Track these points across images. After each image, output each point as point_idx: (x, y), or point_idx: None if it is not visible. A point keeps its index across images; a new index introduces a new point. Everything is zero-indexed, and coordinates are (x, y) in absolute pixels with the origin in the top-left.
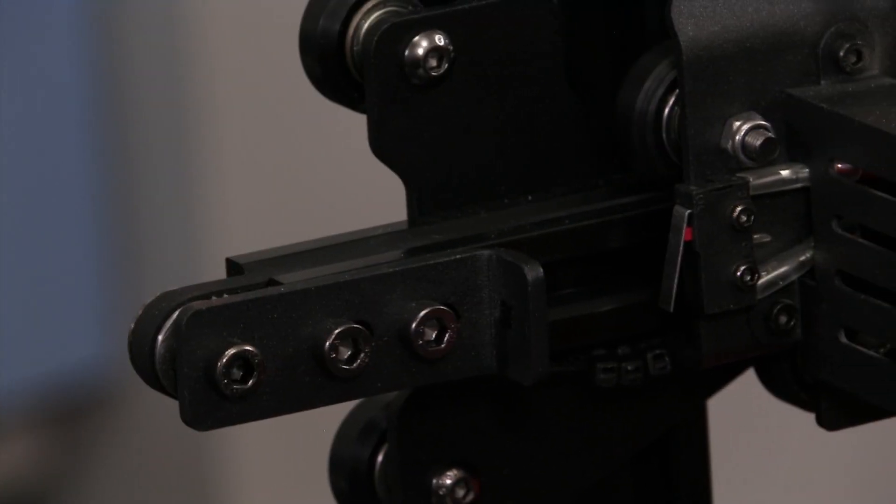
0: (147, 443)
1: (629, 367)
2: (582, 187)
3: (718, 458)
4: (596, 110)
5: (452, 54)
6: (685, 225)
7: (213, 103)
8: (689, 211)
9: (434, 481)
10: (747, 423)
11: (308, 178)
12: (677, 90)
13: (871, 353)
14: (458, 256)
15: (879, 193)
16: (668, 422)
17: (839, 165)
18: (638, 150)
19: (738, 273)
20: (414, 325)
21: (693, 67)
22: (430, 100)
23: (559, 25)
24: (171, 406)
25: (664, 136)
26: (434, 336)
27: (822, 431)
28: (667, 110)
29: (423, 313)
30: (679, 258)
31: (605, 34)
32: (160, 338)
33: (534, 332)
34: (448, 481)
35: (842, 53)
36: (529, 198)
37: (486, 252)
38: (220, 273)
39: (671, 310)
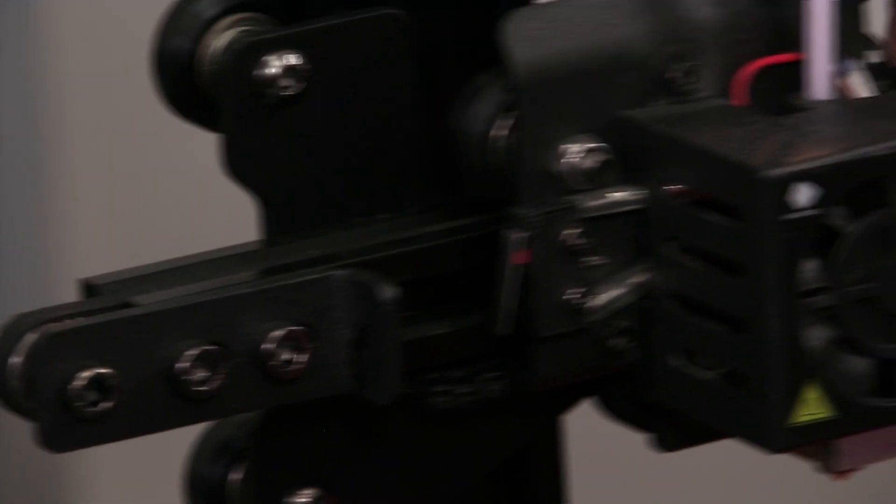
0: (1, 465)
1: (463, 390)
2: (434, 206)
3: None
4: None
5: (306, 73)
6: (519, 248)
7: (65, 122)
8: (522, 234)
9: (289, 501)
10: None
11: (162, 198)
12: (508, 113)
13: (706, 375)
14: (312, 277)
15: (710, 215)
16: (520, 441)
17: (673, 187)
18: (469, 172)
19: (572, 296)
20: (269, 346)
21: (528, 90)
22: (283, 119)
23: (412, 45)
24: (27, 428)
25: (495, 158)
26: (289, 357)
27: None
28: (497, 132)
29: (277, 334)
30: (513, 281)
31: (457, 54)
32: (14, 360)
33: (388, 353)
34: (303, 500)
35: (675, 75)
36: (382, 217)
37: (339, 272)
38: (72, 295)
39: (505, 332)
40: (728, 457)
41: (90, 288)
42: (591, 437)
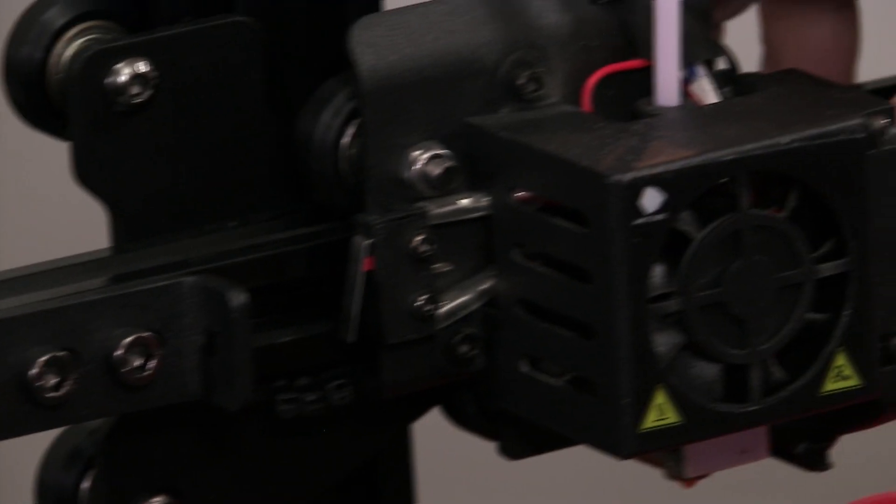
0: None
1: (311, 398)
2: (285, 214)
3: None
4: None
5: (156, 81)
6: (365, 255)
7: None
8: (369, 241)
9: None
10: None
11: (11, 205)
12: (356, 120)
13: (554, 381)
14: (161, 283)
15: (558, 221)
16: (369, 449)
17: (519, 193)
18: (317, 180)
19: (419, 303)
20: (118, 352)
21: (372, 97)
22: (133, 126)
23: (261, 52)
24: None
25: (342, 165)
26: (139, 363)
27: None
28: (344, 140)
29: (127, 340)
30: (360, 288)
31: (306, 61)
32: None
33: (238, 359)
34: None
35: (521, 81)
36: (232, 224)
37: (189, 279)
38: None
39: (352, 340)
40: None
41: None
42: (439, 445)
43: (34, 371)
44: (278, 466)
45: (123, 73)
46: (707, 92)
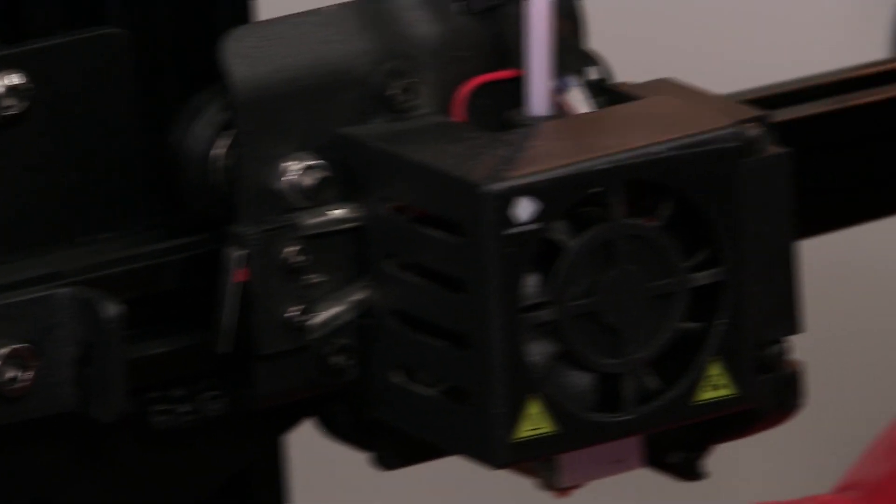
0: None
1: (184, 409)
2: (158, 225)
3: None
4: None
5: (29, 93)
6: (239, 266)
7: None
8: (242, 252)
9: None
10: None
11: None
12: (227, 131)
13: (428, 391)
14: (35, 295)
15: (431, 231)
16: (243, 460)
17: (392, 204)
18: (189, 191)
19: (292, 313)
20: None
21: (246, 108)
22: (6, 139)
23: (133, 64)
24: None
25: (215, 176)
26: (13, 375)
27: None
28: (217, 151)
29: (2, 352)
30: (233, 299)
31: (178, 72)
32: None
33: (112, 370)
34: None
35: (394, 92)
36: (106, 236)
37: (64, 290)
38: None
39: (226, 351)
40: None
41: None
42: (313, 455)
43: None
44: (152, 477)
45: None
46: (579, 102)
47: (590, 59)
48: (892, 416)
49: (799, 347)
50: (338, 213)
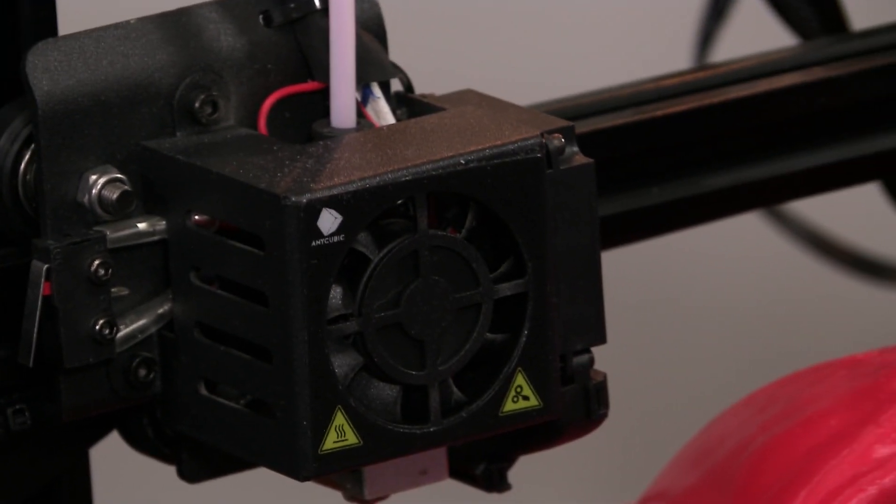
0: None
1: None
2: None
3: None
4: None
5: None
6: (43, 279)
7: None
8: (46, 265)
9: None
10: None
11: None
12: (33, 145)
13: (232, 404)
14: None
15: (235, 243)
16: (49, 474)
17: (196, 217)
18: None
19: (97, 327)
20: None
21: (48, 122)
22: None
23: None
24: None
25: (20, 191)
26: None
27: None
28: (23, 165)
29: None
30: (38, 313)
31: None
32: None
33: None
34: None
35: (197, 105)
36: None
37: None
38: None
39: (31, 364)
40: None
41: None
42: (117, 467)
43: None
44: None
45: None
46: (383, 113)
47: (393, 71)
48: (696, 427)
49: (603, 357)
50: (142, 226)
